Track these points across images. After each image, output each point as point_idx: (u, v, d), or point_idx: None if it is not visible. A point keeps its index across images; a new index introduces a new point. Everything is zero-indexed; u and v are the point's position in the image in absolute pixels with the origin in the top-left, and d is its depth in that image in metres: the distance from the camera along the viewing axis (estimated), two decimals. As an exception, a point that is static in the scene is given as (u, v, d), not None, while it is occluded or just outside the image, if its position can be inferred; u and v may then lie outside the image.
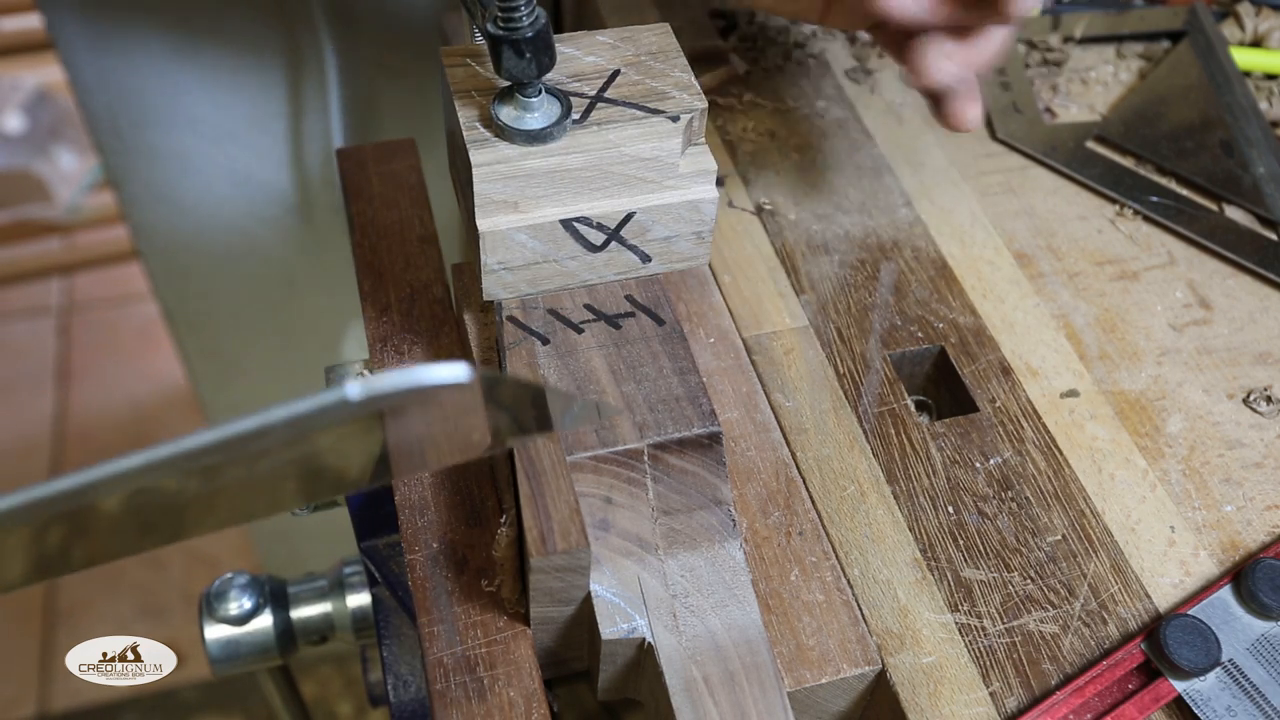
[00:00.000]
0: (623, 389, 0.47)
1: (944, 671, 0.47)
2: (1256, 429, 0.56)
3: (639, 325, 0.50)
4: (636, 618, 0.45)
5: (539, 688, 0.45)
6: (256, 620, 0.61)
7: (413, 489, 0.51)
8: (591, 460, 0.45)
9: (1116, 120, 0.72)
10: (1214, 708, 0.45)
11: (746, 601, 0.46)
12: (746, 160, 0.69)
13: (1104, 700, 0.46)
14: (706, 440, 0.46)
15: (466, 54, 0.50)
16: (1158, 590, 0.50)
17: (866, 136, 0.71)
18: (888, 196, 0.67)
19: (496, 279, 0.49)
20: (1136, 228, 0.66)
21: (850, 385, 0.57)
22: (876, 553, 0.50)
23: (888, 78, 0.75)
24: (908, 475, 0.53)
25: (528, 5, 0.44)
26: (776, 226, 0.65)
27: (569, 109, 0.48)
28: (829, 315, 0.60)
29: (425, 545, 0.49)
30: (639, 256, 0.51)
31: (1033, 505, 0.52)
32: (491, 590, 0.48)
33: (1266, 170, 0.68)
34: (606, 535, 0.46)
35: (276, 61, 0.89)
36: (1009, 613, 0.48)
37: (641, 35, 0.52)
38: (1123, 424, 0.56)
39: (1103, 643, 0.48)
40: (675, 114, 0.48)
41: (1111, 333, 0.60)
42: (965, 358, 0.58)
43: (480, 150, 0.47)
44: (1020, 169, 0.70)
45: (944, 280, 0.62)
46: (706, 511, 0.47)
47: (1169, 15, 0.79)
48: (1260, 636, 0.47)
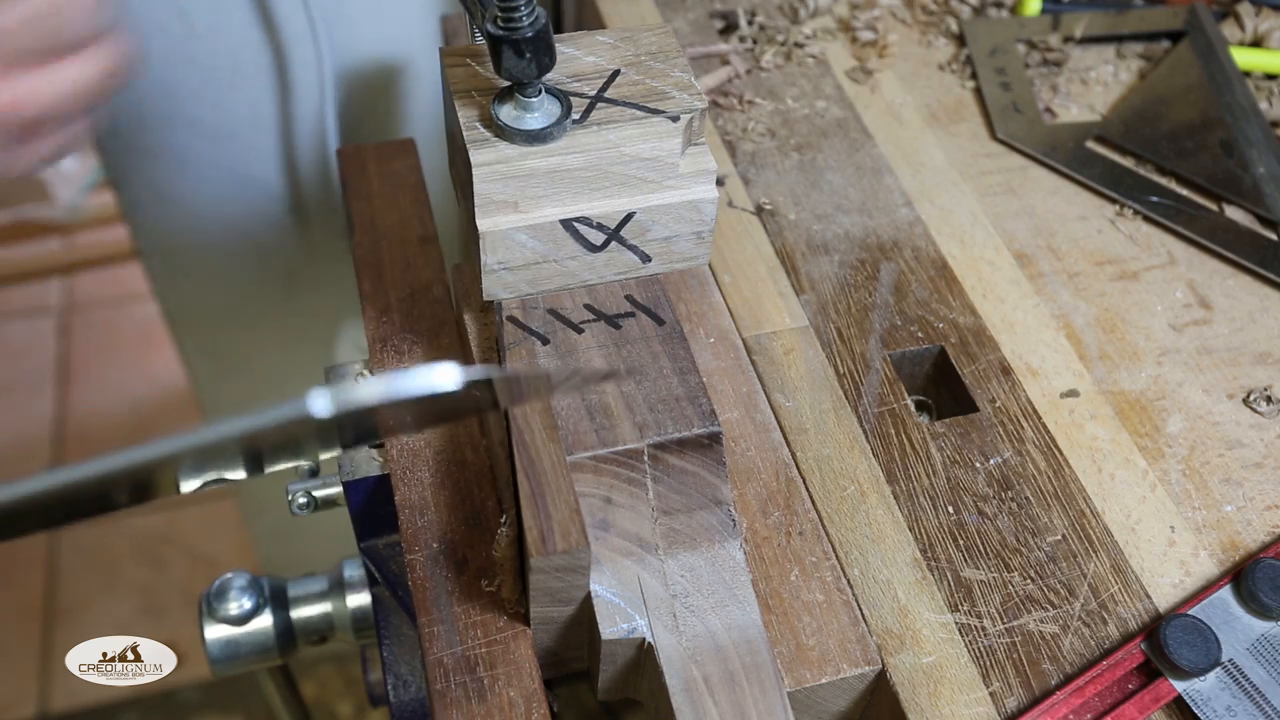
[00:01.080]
0: (623, 389, 0.47)
1: (944, 671, 0.47)
2: (1256, 429, 0.56)
3: (639, 325, 0.50)
4: (636, 618, 0.45)
5: (539, 688, 0.45)
6: (256, 620, 0.61)
7: (413, 489, 0.51)
8: (591, 460, 0.45)
9: (1116, 120, 0.72)
10: (1214, 708, 0.45)
11: (746, 601, 0.46)
12: (746, 160, 0.69)
13: (1104, 700, 0.46)
14: (706, 440, 0.46)
15: (466, 54, 0.50)
16: (1158, 590, 0.50)
17: (866, 136, 0.71)
18: (888, 196, 0.67)
19: (496, 279, 0.49)
20: (1136, 228, 0.66)
21: (850, 385, 0.57)
22: (876, 553, 0.50)
23: (888, 78, 0.75)
24: (908, 475, 0.53)
25: (528, 5, 0.44)
26: (776, 226, 0.65)
27: (569, 109, 0.48)
28: (829, 315, 0.60)
29: (425, 545, 0.49)
30: (639, 256, 0.51)
31: (1033, 505, 0.52)
32: (491, 590, 0.48)
33: (1266, 170, 0.68)
34: (606, 535, 0.46)
35: (275, 61, 0.88)
36: (1009, 613, 0.48)
37: (641, 35, 0.52)
38: (1123, 424, 0.56)
39: (1103, 643, 0.48)
40: (675, 114, 0.48)
41: (1111, 333, 0.60)
42: (965, 358, 0.58)
43: (480, 150, 0.47)
44: (1020, 169, 0.70)
45: (944, 280, 0.62)
46: (706, 511, 0.47)
47: (1169, 15, 0.79)
48: (1260, 636, 0.47)
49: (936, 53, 0.78)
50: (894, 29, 0.79)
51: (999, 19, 0.80)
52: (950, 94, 0.75)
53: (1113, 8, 0.80)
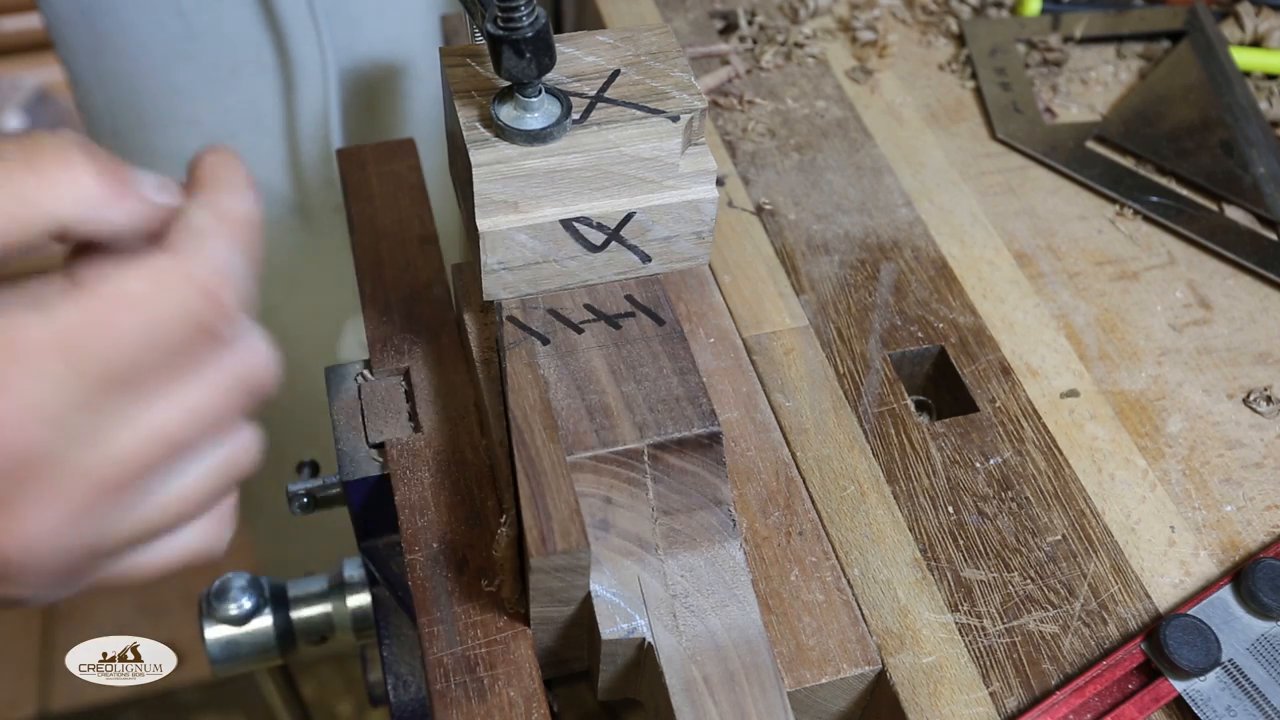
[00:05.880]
0: (623, 389, 0.47)
1: (944, 671, 0.47)
2: (1256, 429, 0.56)
3: (639, 325, 0.50)
4: (636, 618, 0.45)
5: (539, 688, 0.45)
6: (256, 620, 0.61)
7: (413, 489, 0.51)
8: (591, 460, 0.45)
9: (1116, 120, 0.72)
10: (1214, 708, 0.45)
11: (746, 601, 0.46)
12: (746, 160, 0.69)
13: (1104, 700, 0.46)
14: (706, 440, 0.46)
15: (466, 54, 0.50)
16: (1158, 590, 0.50)
17: (866, 136, 0.71)
18: (888, 196, 0.67)
19: (496, 279, 0.49)
20: (1136, 228, 0.66)
21: (850, 385, 0.57)
22: (876, 553, 0.50)
23: (888, 78, 0.75)
24: (908, 475, 0.53)
25: (528, 5, 0.44)
26: (776, 226, 0.65)
27: (569, 109, 0.48)
28: (829, 315, 0.60)
29: (425, 545, 0.49)
30: (639, 256, 0.51)
31: (1033, 505, 0.52)
32: (491, 590, 0.48)
33: (1266, 170, 0.68)
34: (606, 535, 0.46)
35: (276, 61, 0.89)
36: (1009, 613, 0.48)
37: (641, 35, 0.52)
38: (1123, 424, 0.56)
39: (1103, 643, 0.48)
40: (675, 114, 0.48)
41: (1111, 333, 0.60)
42: (965, 358, 0.58)
43: (480, 150, 0.47)
44: (1020, 169, 0.70)
45: (944, 280, 0.62)
46: (706, 511, 0.47)
47: (1169, 15, 0.79)
48: (1260, 636, 0.47)
49: (936, 53, 0.78)
50: (894, 29, 0.79)
51: (999, 19, 0.80)
52: (950, 94, 0.75)
53: (1113, 8, 0.80)
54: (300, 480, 0.61)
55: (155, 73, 0.87)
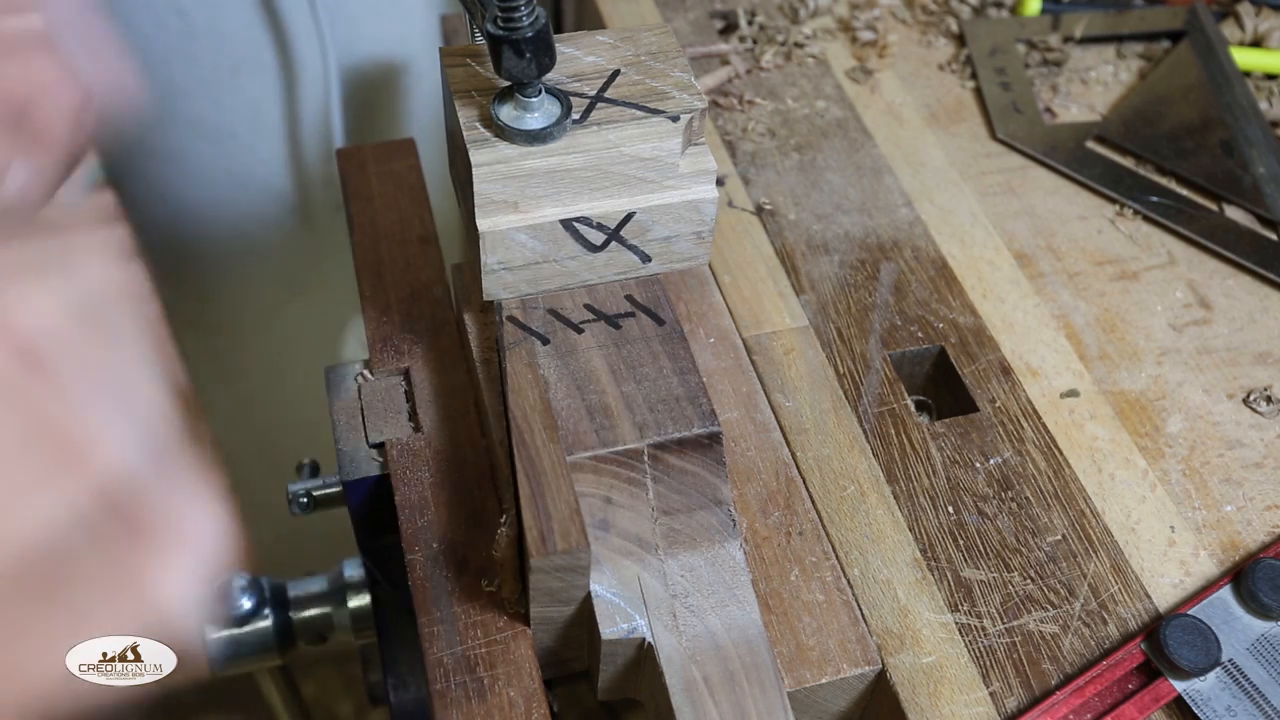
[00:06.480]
0: (623, 389, 0.47)
1: (944, 671, 0.47)
2: (1256, 429, 0.56)
3: (639, 325, 0.50)
4: (636, 618, 0.45)
5: (539, 688, 0.45)
6: (256, 620, 0.61)
7: (413, 489, 0.51)
8: (591, 460, 0.45)
9: (1116, 120, 0.72)
10: (1214, 708, 0.45)
11: (746, 601, 0.46)
12: (746, 160, 0.69)
13: (1104, 700, 0.46)
14: (706, 440, 0.46)
15: (466, 54, 0.50)
16: (1158, 590, 0.50)
17: (866, 136, 0.71)
18: (888, 196, 0.67)
19: (496, 279, 0.49)
20: (1136, 228, 0.66)
21: (850, 385, 0.57)
22: (876, 553, 0.50)
23: (888, 78, 0.75)
24: (908, 475, 0.53)
25: (528, 5, 0.44)
26: (776, 226, 0.65)
27: (569, 109, 0.48)
28: (829, 315, 0.60)
29: (425, 545, 0.49)
30: (639, 256, 0.51)
31: (1033, 505, 0.52)
32: (491, 590, 0.48)
33: (1266, 170, 0.68)
34: (606, 535, 0.46)
35: (276, 61, 0.89)
36: (1009, 613, 0.48)
37: (641, 35, 0.52)
38: (1123, 424, 0.56)
39: (1103, 643, 0.48)
40: (675, 114, 0.48)
41: (1111, 333, 0.60)
42: (965, 358, 0.58)
43: (480, 150, 0.47)
44: (1020, 169, 0.70)
45: (944, 280, 0.62)
46: (706, 511, 0.47)
47: (1169, 15, 0.79)
48: (1260, 636, 0.47)
49: (936, 53, 0.78)
50: (894, 29, 0.79)
51: (999, 19, 0.80)
52: (950, 94, 0.75)
53: (1113, 8, 0.80)
54: (300, 480, 0.61)
55: (155, 73, 0.87)
